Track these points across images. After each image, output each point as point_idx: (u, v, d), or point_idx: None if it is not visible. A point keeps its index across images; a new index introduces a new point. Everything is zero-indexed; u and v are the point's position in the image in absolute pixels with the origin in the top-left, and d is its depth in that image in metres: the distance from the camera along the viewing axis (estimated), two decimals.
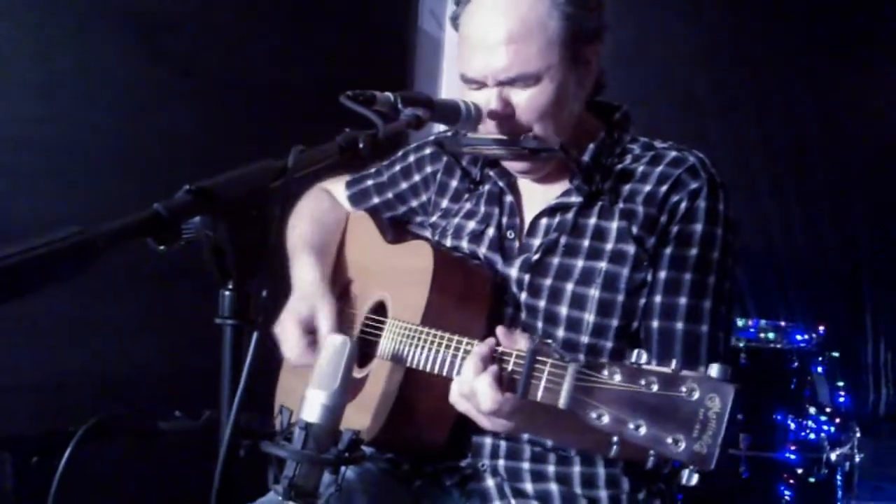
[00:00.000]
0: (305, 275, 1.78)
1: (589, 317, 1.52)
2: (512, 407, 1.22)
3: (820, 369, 3.11)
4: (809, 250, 3.78)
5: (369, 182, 1.92)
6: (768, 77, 3.74)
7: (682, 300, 1.50)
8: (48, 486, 1.14)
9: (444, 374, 1.40)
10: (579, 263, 1.56)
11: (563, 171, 1.60)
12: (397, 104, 1.36)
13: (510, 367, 1.24)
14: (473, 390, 1.25)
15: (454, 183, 1.80)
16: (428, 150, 1.85)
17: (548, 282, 1.57)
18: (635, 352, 1.08)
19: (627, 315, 1.53)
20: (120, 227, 0.77)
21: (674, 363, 1.04)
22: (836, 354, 3.15)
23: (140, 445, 1.34)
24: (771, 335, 3.13)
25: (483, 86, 1.52)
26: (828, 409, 3.10)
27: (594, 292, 1.52)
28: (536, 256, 1.59)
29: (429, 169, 1.85)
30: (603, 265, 1.53)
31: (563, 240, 1.58)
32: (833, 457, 2.94)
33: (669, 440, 0.98)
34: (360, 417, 1.54)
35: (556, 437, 1.52)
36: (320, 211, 1.96)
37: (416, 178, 1.87)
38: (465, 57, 1.53)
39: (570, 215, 1.59)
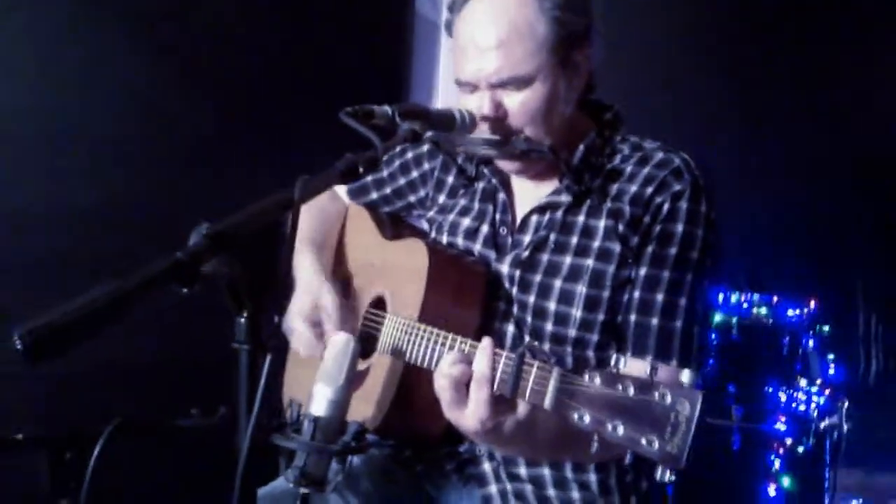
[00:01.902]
0: (308, 269, 1.85)
1: (576, 312, 1.61)
2: (496, 411, 1.31)
3: (811, 343, 3.19)
4: (802, 224, 3.83)
5: (368, 178, 1.98)
6: (759, 43, 3.77)
7: (659, 297, 1.59)
8: (80, 483, 1.25)
9: None
10: (567, 260, 1.64)
11: (554, 169, 1.68)
12: (395, 117, 1.44)
13: (500, 369, 1.32)
14: (464, 396, 1.33)
15: (450, 179, 1.88)
16: (425, 147, 1.92)
17: (537, 278, 1.65)
18: (614, 357, 1.17)
19: (612, 310, 1.62)
20: (147, 280, 0.86)
21: (648, 368, 1.13)
22: (826, 328, 3.22)
23: (161, 442, 1.44)
24: (763, 310, 3.21)
25: (476, 89, 1.59)
26: (818, 382, 3.18)
27: (581, 288, 1.61)
28: (526, 253, 1.67)
29: (426, 165, 1.93)
30: (590, 262, 1.62)
31: (552, 237, 1.66)
32: (821, 427, 3.03)
33: (644, 441, 1.08)
34: (363, 407, 1.64)
35: (535, 447, 1.58)
36: (320, 205, 2.03)
37: (415, 174, 1.95)
38: (458, 62, 1.61)
39: (559, 213, 1.67)
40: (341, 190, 2.05)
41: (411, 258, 1.70)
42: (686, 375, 1.10)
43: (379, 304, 1.80)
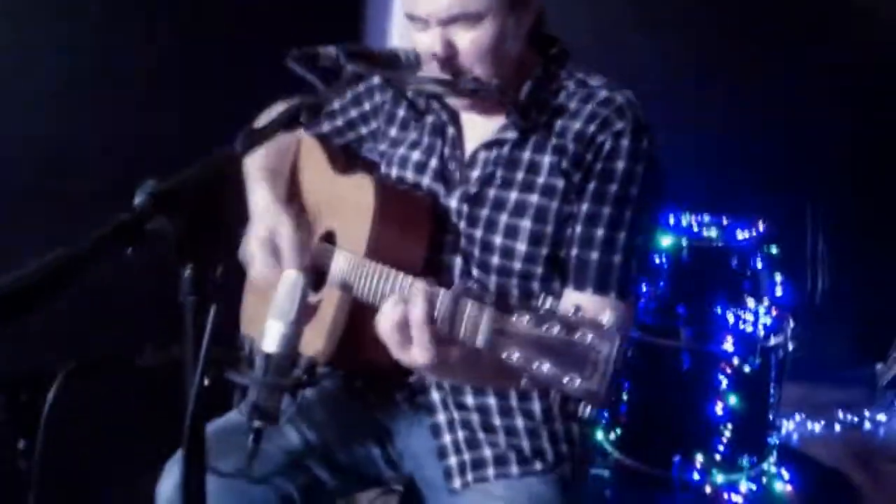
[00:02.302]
0: (262, 198, 1.88)
1: (521, 246, 1.67)
2: (434, 344, 1.37)
3: (760, 264, 3.26)
4: (752, 147, 3.90)
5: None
6: None
7: (599, 232, 1.64)
8: (37, 421, 1.31)
9: None
10: (513, 195, 1.69)
11: (502, 105, 1.71)
12: (340, 59, 1.46)
13: (437, 306, 1.38)
14: (407, 330, 1.39)
15: (401, 112, 1.91)
16: (376, 80, 1.94)
17: (484, 212, 1.71)
18: (541, 297, 1.24)
19: (556, 244, 1.68)
20: (94, 245, 0.91)
21: (573, 309, 1.19)
22: (774, 249, 3.30)
23: (117, 379, 1.49)
24: (713, 232, 3.27)
25: (427, 26, 1.61)
26: (765, 302, 3.29)
27: (526, 223, 1.67)
28: (474, 189, 1.72)
29: (378, 98, 1.95)
30: (535, 198, 1.67)
31: (499, 172, 1.71)
32: (768, 346, 3.14)
33: (566, 379, 1.15)
34: (315, 339, 1.70)
35: (478, 378, 1.68)
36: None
37: (366, 106, 1.97)
38: None
39: (505, 149, 1.71)
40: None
41: (359, 194, 1.75)
42: (607, 317, 1.16)
43: (329, 237, 1.85)
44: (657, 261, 3.16)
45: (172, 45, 2.76)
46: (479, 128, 1.77)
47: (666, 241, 3.14)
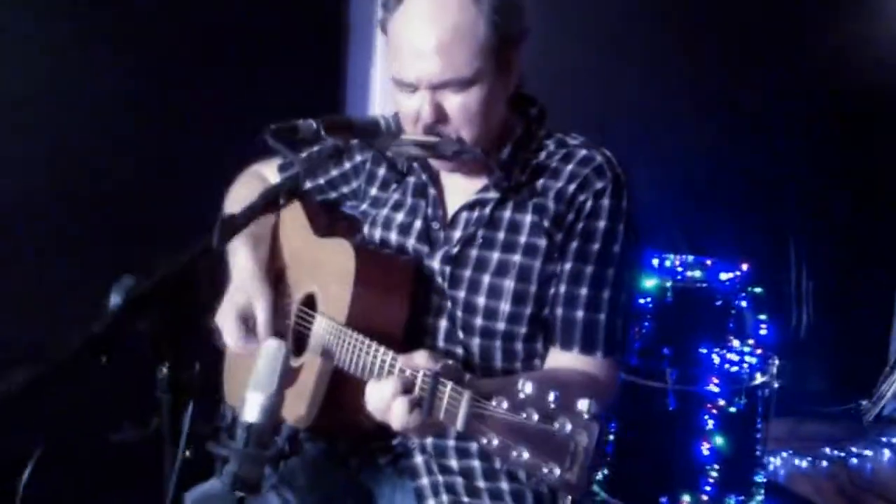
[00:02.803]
0: (242, 264, 1.88)
1: (504, 306, 1.67)
2: (417, 423, 1.37)
3: (744, 303, 3.29)
4: (736, 189, 3.93)
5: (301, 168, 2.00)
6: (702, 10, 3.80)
7: (583, 291, 1.66)
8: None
9: (365, 378, 1.54)
10: (495, 256, 1.70)
11: (484, 165, 1.72)
12: (320, 132, 1.46)
13: (417, 387, 1.39)
14: (388, 408, 1.39)
15: (381, 172, 1.91)
16: (356, 139, 1.94)
17: (467, 273, 1.71)
18: (520, 381, 1.23)
19: (539, 303, 1.68)
20: (65, 360, 0.90)
21: (552, 395, 1.19)
22: (759, 290, 3.32)
23: (94, 456, 1.48)
24: (697, 273, 3.30)
25: (416, 90, 1.61)
26: (751, 342, 3.30)
27: (509, 283, 1.67)
28: (456, 249, 1.73)
29: (358, 157, 1.95)
30: (517, 258, 1.68)
31: (480, 233, 1.72)
32: (753, 386, 3.15)
33: (545, 469, 1.14)
34: (297, 405, 1.69)
35: None
36: (253, 193, 2.03)
37: (347, 165, 1.97)
38: (397, 62, 1.62)
39: (487, 210, 1.72)
40: (274, 179, 2.06)
41: (339, 259, 1.74)
42: (585, 405, 1.16)
43: (310, 301, 1.84)
44: (642, 301, 3.17)
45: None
46: (460, 188, 1.77)
47: (650, 282, 3.16)
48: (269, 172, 2.08)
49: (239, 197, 2.02)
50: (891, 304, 4.17)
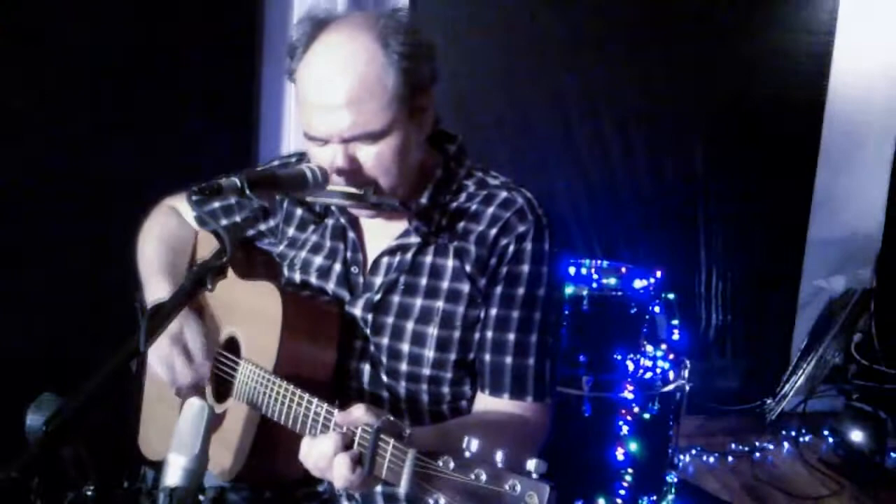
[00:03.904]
0: (161, 292, 1.80)
1: (429, 352, 1.65)
2: (360, 481, 1.33)
3: (657, 309, 3.35)
4: (651, 195, 4.01)
5: (216, 203, 1.92)
6: (620, 18, 3.85)
7: (511, 336, 1.64)
8: None
9: (297, 430, 1.49)
10: (418, 302, 1.67)
11: (404, 212, 1.68)
12: (244, 189, 1.39)
13: (357, 443, 1.35)
14: (328, 466, 1.35)
15: (299, 212, 1.85)
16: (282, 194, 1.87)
17: (390, 320, 1.67)
18: (465, 439, 1.21)
19: (464, 349, 1.66)
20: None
21: (499, 454, 1.18)
22: (671, 296, 3.40)
23: None
24: (613, 281, 3.34)
25: (327, 143, 1.56)
26: (664, 347, 3.37)
27: (433, 330, 1.65)
28: (378, 296, 1.69)
29: (276, 196, 1.89)
30: (440, 304, 1.65)
31: (402, 279, 1.68)
32: (666, 390, 3.22)
33: None
34: (222, 455, 1.64)
35: None
36: (168, 231, 1.97)
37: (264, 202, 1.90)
38: (307, 116, 1.57)
39: (409, 255, 1.68)
40: (189, 216, 1.99)
41: (265, 303, 1.68)
42: (534, 465, 1.15)
43: (232, 344, 1.77)
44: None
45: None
46: (380, 233, 1.73)
47: (567, 290, 3.18)
48: (182, 207, 2.01)
49: (153, 234, 1.96)
50: (794, 308, 4.33)
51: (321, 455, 1.35)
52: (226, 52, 3.13)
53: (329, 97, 1.51)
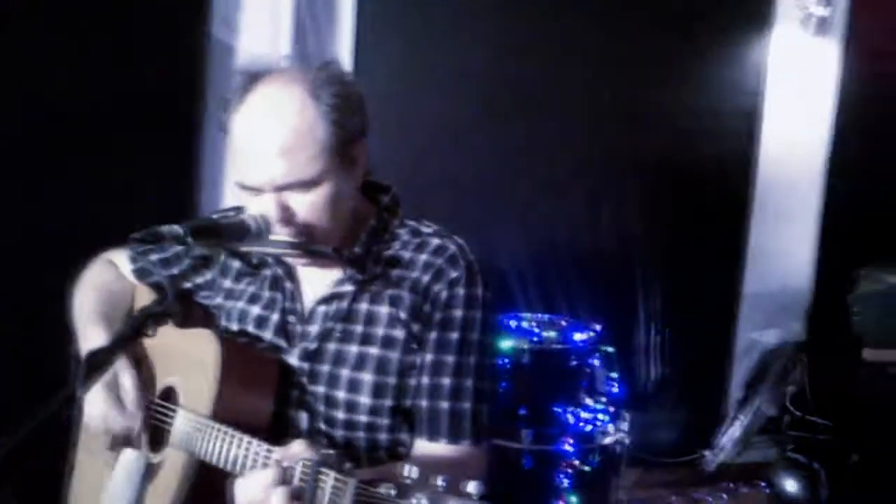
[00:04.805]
0: (97, 342, 1.74)
1: (365, 399, 1.65)
2: None
3: (597, 362, 3.39)
4: (589, 248, 4.09)
5: (154, 256, 1.93)
6: (557, 80, 3.96)
7: (447, 380, 1.66)
8: None
9: (235, 471, 1.49)
10: (354, 349, 1.68)
11: (338, 261, 1.70)
12: (186, 238, 1.41)
13: (296, 478, 1.35)
14: (264, 501, 1.34)
15: (236, 264, 1.86)
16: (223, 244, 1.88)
17: (325, 368, 1.68)
18: (406, 467, 1.23)
19: (400, 395, 1.67)
20: None
21: (440, 479, 1.20)
22: (611, 349, 3.45)
23: None
24: (552, 334, 3.38)
25: (260, 192, 1.59)
26: (603, 400, 3.41)
27: (368, 377, 1.66)
28: (314, 345, 1.70)
29: (217, 245, 1.88)
30: (375, 351, 1.67)
31: (338, 327, 1.70)
32: (606, 443, 3.24)
33: None
34: None
35: None
36: (105, 282, 1.96)
37: (199, 255, 1.89)
38: (241, 166, 1.59)
39: (344, 303, 1.70)
40: (126, 269, 1.98)
41: (201, 350, 1.68)
42: (473, 487, 1.17)
43: (169, 394, 1.76)
44: (499, 363, 3.22)
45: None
46: (316, 282, 1.75)
47: (507, 343, 3.21)
48: (119, 261, 2.00)
49: (89, 285, 1.94)
50: (729, 360, 4.42)
51: (258, 487, 1.35)
52: (167, 103, 3.13)
53: (263, 147, 1.55)
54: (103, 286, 1.94)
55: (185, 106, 3.25)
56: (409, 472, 1.22)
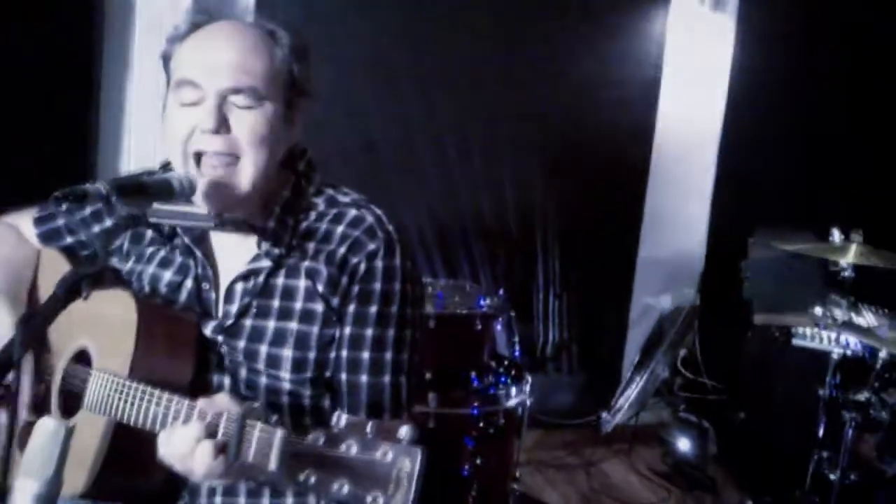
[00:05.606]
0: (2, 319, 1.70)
1: (285, 374, 1.63)
2: (224, 469, 1.32)
3: (499, 327, 3.45)
4: (492, 215, 4.14)
5: (60, 221, 1.86)
6: (461, 47, 3.97)
7: (365, 354, 1.64)
8: None
9: (156, 430, 1.44)
10: (271, 325, 1.65)
11: (250, 230, 1.67)
12: (110, 197, 1.37)
13: (221, 431, 1.33)
14: (190, 455, 1.33)
15: (148, 232, 1.79)
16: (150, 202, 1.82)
17: (241, 343, 1.65)
18: (335, 415, 1.23)
19: (321, 368, 1.65)
20: None
21: (369, 426, 1.20)
22: (513, 313, 3.51)
23: None
24: (457, 298, 3.43)
25: (202, 99, 1.54)
26: (506, 363, 3.47)
27: (287, 352, 1.63)
28: (231, 321, 1.66)
29: (122, 213, 1.82)
30: (293, 325, 1.64)
31: (255, 302, 1.66)
32: (509, 405, 3.30)
33: (369, 498, 1.15)
34: (73, 471, 1.49)
35: None
36: (6, 250, 1.86)
37: (108, 222, 1.83)
38: (187, 64, 1.56)
39: (261, 278, 1.66)
40: (30, 233, 1.89)
41: (117, 311, 1.62)
42: (405, 432, 1.18)
43: (81, 356, 1.69)
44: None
45: None
46: (232, 258, 1.70)
47: None
48: (24, 224, 1.91)
49: None
50: (625, 325, 4.55)
51: (183, 439, 1.33)
52: (63, 60, 3.02)
53: (218, 56, 1.54)
54: (4, 256, 1.85)
55: (81, 62, 3.14)
56: (339, 420, 1.22)
